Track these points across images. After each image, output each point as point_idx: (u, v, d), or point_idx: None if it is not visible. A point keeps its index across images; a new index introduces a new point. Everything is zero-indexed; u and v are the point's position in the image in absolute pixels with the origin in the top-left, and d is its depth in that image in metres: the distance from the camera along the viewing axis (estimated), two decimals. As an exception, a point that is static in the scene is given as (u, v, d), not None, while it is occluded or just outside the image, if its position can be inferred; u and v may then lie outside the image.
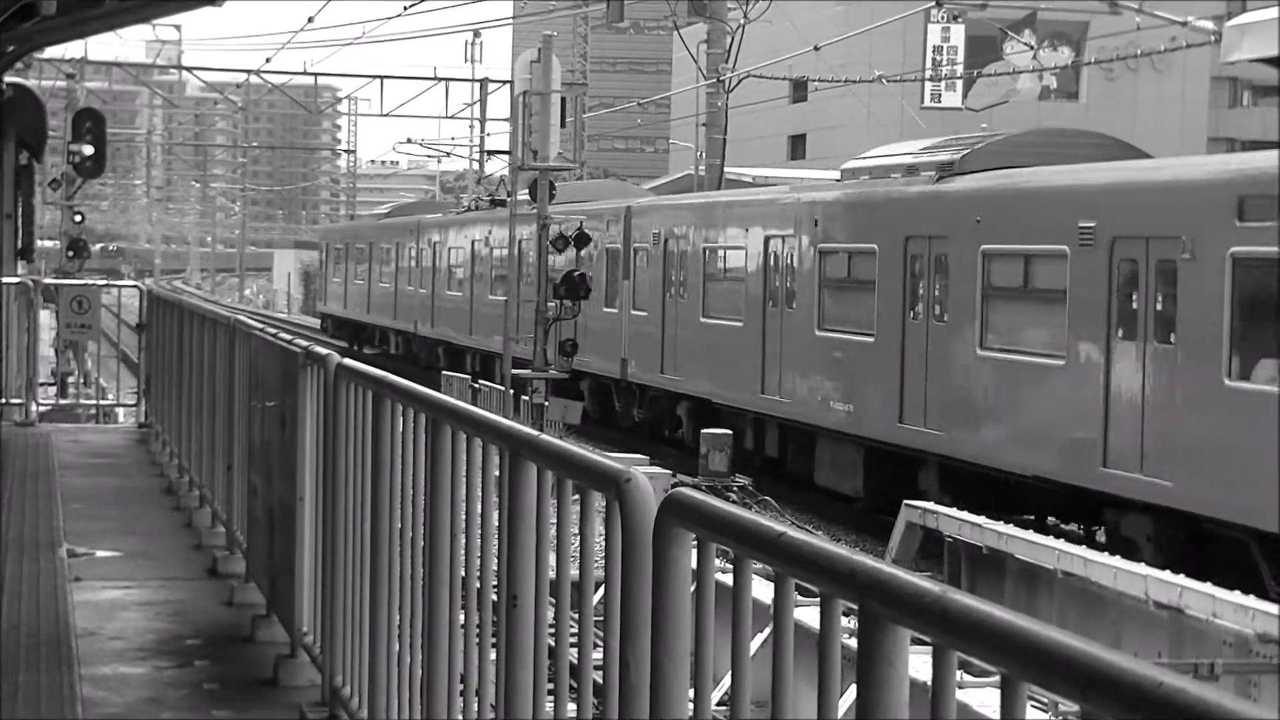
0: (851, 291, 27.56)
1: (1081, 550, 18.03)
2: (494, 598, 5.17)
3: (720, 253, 32.41)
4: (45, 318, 25.49)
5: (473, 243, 48.14)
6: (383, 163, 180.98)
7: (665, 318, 34.37)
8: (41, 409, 20.08)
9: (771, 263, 29.86)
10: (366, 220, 70.41)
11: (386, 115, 59.92)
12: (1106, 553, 18.12)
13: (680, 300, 33.74)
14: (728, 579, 4.15)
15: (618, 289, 37.30)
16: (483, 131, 61.93)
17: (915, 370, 25.13)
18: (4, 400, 19.47)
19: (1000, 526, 19.56)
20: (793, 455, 29.35)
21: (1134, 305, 20.72)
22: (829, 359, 27.67)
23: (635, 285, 36.30)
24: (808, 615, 5.86)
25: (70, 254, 46.05)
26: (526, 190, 35.48)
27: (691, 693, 3.73)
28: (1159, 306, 20.28)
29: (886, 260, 26.13)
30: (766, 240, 30.06)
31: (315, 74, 60.41)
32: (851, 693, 3.67)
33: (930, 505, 21.42)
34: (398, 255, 56.85)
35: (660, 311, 34.62)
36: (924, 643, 2.75)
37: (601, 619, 4.19)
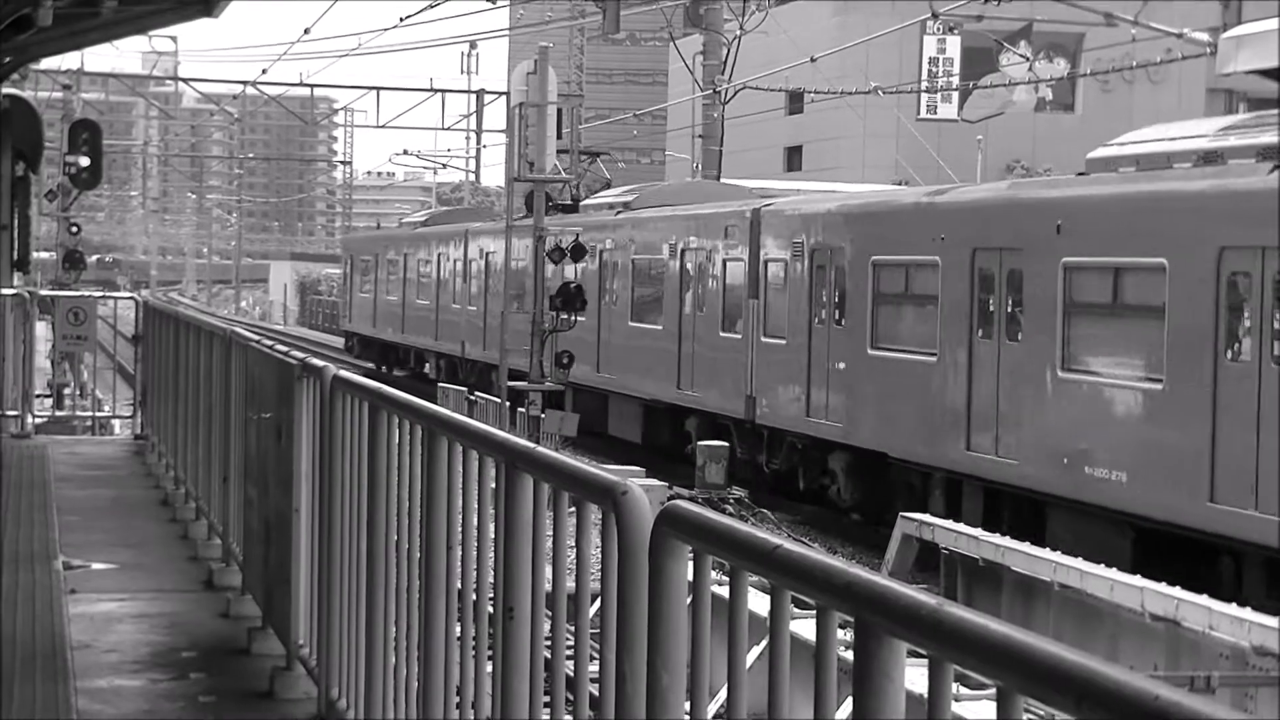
0: (1119, 319, 21.27)
1: (1078, 562, 18.02)
2: (490, 610, 5.17)
3: (901, 270, 25.90)
4: (41, 329, 25.47)
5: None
6: (379, 174, 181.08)
7: (813, 348, 28.06)
8: (37, 420, 20.07)
9: (983, 281, 23.54)
10: (400, 228, 61.92)
11: (383, 127, 59.93)
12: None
13: (837, 327, 27.49)
14: (722, 591, 4.15)
15: (740, 311, 31.14)
16: (479, 143, 61.97)
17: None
18: (0, 412, 19.46)
19: (997, 539, 19.55)
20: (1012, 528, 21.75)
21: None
22: (1083, 405, 21.40)
23: (767, 307, 30.14)
24: (802, 628, 5.86)
25: (66, 265, 46.07)
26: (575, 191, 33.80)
27: (687, 705, 3.73)
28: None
29: (1181, 278, 19.62)
30: (974, 254, 23.68)
31: (311, 85, 60.45)
32: (847, 706, 3.67)
33: (926, 517, 21.42)
34: (440, 267, 50.16)
35: (806, 340, 28.30)
36: (919, 655, 2.75)
37: (597, 631, 4.19)
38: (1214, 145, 20.44)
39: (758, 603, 7.75)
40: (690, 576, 3.69)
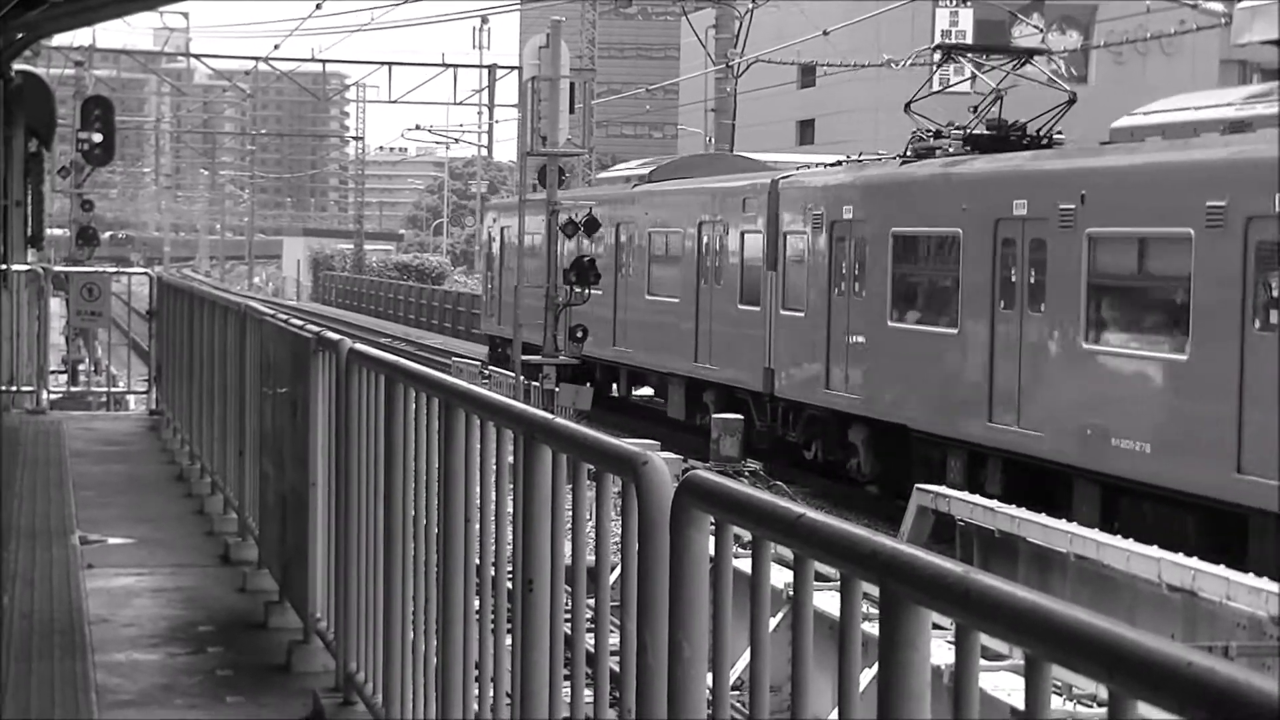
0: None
1: (1094, 533, 18.00)
2: (509, 583, 5.15)
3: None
4: (56, 305, 25.49)
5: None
6: (391, 149, 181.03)
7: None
8: (52, 397, 20.10)
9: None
10: (595, 188, 44.43)
11: (395, 102, 59.93)
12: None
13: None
14: (739, 564, 4.13)
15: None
16: (491, 118, 61.92)
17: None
18: (15, 388, 19.47)
19: (1013, 510, 19.53)
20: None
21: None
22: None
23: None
24: (821, 600, 5.85)
25: (80, 242, 46.09)
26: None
27: (709, 677, 3.71)
28: None
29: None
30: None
31: (323, 61, 60.42)
32: (865, 676, 3.65)
33: (942, 489, 21.40)
34: (704, 249, 33.77)
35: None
36: (940, 627, 2.73)
37: (617, 604, 4.17)
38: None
39: (775, 576, 7.75)
40: (711, 548, 3.67)
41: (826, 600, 5.61)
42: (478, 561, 5.54)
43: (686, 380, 33.85)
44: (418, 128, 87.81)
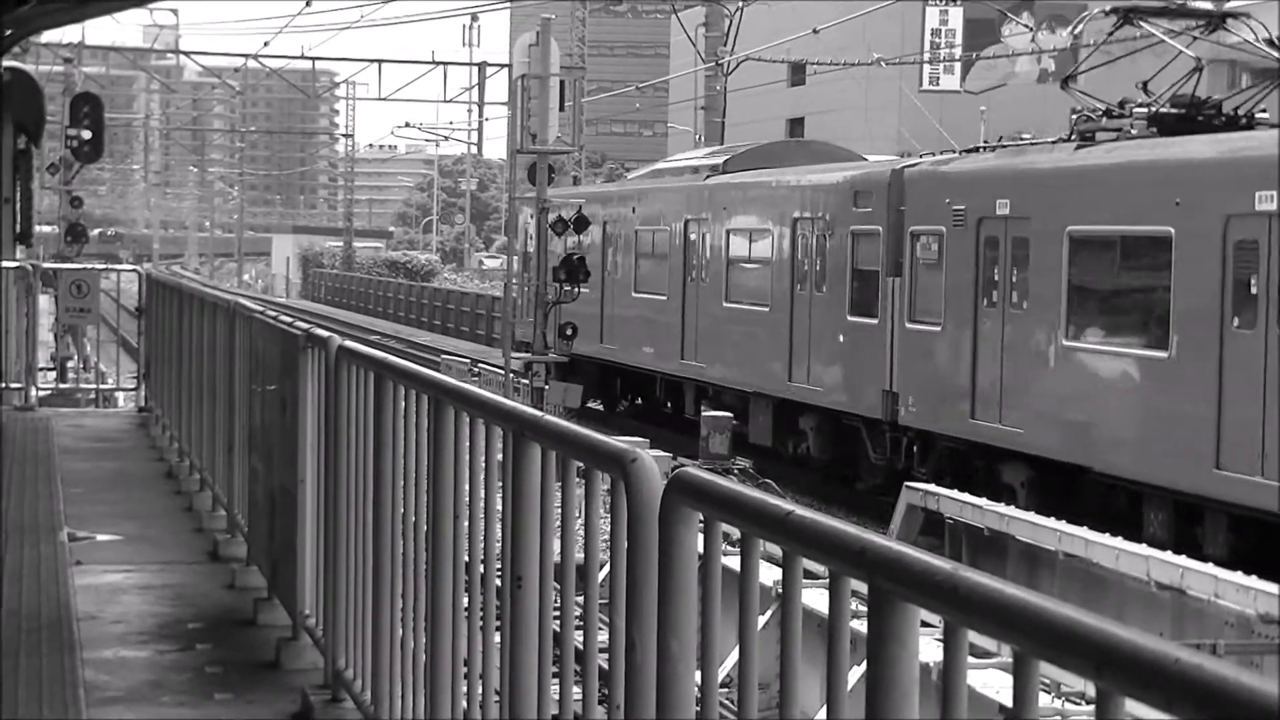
0: None
1: (1083, 531, 18.02)
2: (498, 581, 5.15)
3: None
4: (44, 302, 25.46)
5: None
6: (381, 147, 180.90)
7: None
8: (41, 393, 20.05)
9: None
10: (653, 180, 38.00)
11: (384, 99, 59.97)
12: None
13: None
14: (728, 561, 4.13)
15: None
16: (481, 115, 61.93)
17: None
18: (3, 385, 19.45)
19: (1001, 508, 19.55)
20: None
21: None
22: None
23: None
24: (810, 598, 5.85)
25: (68, 239, 46.05)
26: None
27: (698, 674, 3.71)
28: None
29: None
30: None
31: (313, 58, 60.40)
32: (854, 674, 3.65)
33: (931, 487, 21.40)
34: (799, 251, 29.32)
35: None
36: (928, 625, 2.73)
37: (606, 601, 4.18)
38: None
39: (764, 574, 7.76)
40: (700, 545, 3.67)
41: (815, 598, 5.62)
42: (467, 559, 5.54)
43: (775, 401, 29.35)
44: (407, 125, 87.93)
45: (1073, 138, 22.82)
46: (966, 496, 20.57)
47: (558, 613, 4.68)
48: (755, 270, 30.59)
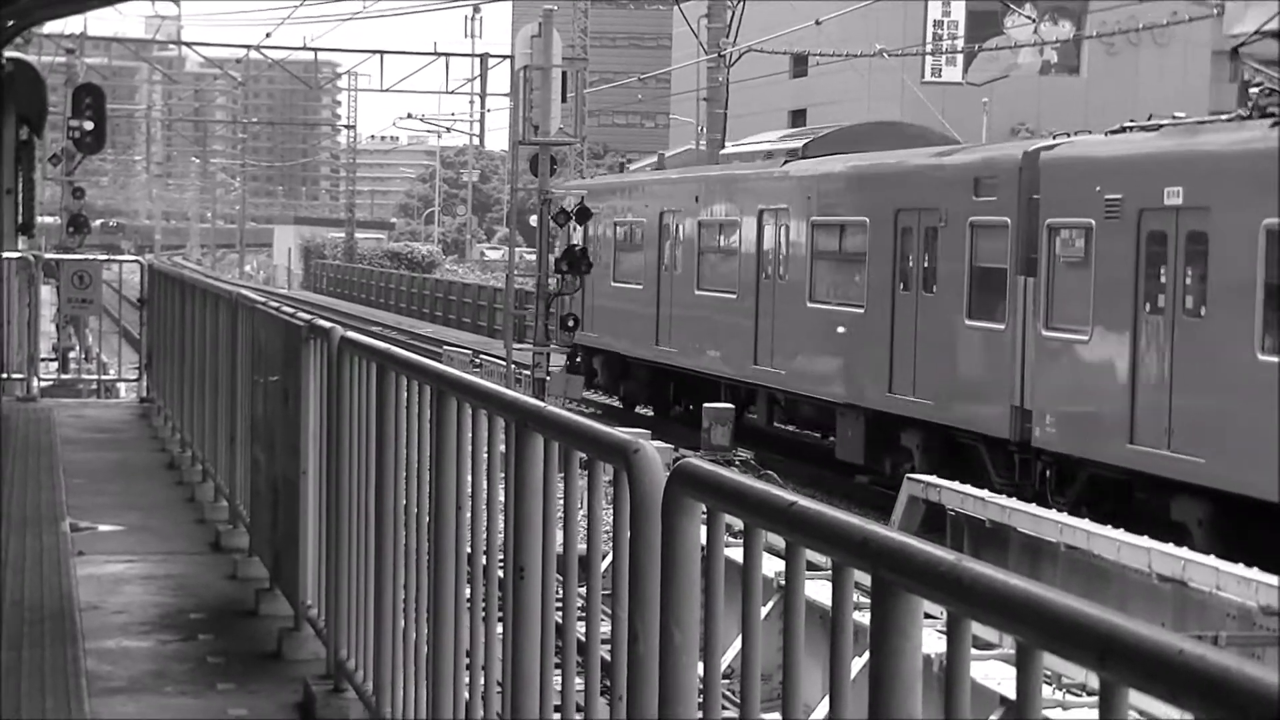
0: None
1: (1084, 523, 18.02)
2: (500, 572, 5.15)
3: None
4: (46, 293, 25.45)
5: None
6: (383, 138, 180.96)
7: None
8: (43, 384, 20.06)
9: None
10: (720, 167, 36.01)
11: (387, 91, 59.86)
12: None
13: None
14: (731, 552, 4.13)
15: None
16: (483, 107, 61.93)
17: None
18: (5, 375, 19.46)
19: (1003, 500, 19.56)
20: None
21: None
22: None
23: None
24: (813, 589, 5.85)
25: (70, 230, 46.01)
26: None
27: (701, 665, 3.71)
28: None
29: None
30: None
31: (315, 49, 60.32)
32: (855, 666, 3.65)
33: (933, 479, 21.40)
34: (901, 245, 26.48)
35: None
36: (931, 616, 2.73)
37: (609, 592, 4.17)
38: None
39: (766, 565, 7.76)
40: (703, 536, 3.67)
41: (818, 588, 5.61)
42: (469, 549, 5.53)
43: (870, 414, 26.60)
44: (409, 116, 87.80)
45: (1251, 115, 19.81)
46: (968, 488, 20.57)
47: (560, 604, 4.68)
48: (845, 266, 27.81)
